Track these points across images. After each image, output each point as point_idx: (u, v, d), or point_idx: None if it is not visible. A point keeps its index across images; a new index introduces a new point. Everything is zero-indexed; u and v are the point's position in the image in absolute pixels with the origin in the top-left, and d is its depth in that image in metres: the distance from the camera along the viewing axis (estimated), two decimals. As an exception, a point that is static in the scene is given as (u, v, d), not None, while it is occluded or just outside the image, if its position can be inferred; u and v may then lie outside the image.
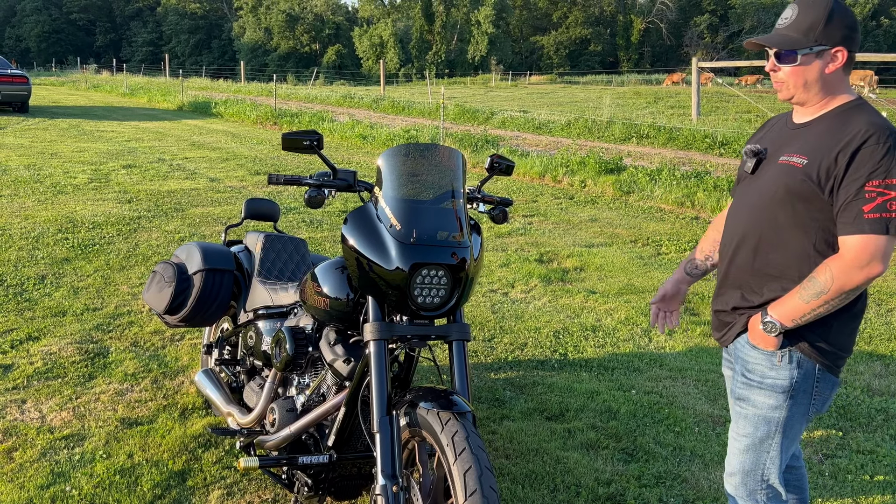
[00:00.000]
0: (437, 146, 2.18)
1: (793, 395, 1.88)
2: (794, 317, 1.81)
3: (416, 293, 2.02)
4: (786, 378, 1.87)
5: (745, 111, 19.81)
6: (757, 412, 1.92)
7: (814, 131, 1.87)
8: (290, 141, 2.17)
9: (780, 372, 1.88)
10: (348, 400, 2.20)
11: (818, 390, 1.89)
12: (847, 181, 1.75)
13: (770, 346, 1.87)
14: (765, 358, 1.89)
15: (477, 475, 1.79)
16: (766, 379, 1.89)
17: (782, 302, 1.84)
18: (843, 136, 1.79)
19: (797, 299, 1.80)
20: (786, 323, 1.82)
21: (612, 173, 9.81)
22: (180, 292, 2.99)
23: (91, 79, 38.94)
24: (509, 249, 6.37)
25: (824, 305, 1.78)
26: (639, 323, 4.64)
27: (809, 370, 1.87)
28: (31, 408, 3.28)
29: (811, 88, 1.86)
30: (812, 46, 1.82)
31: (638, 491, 2.77)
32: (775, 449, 1.92)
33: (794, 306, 1.81)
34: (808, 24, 1.82)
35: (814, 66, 1.84)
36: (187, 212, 7.42)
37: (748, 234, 1.93)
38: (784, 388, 1.88)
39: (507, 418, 3.33)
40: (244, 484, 2.73)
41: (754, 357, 1.92)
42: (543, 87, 40.06)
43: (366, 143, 14.22)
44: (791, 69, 1.85)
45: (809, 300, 1.78)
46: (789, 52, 1.84)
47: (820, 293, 1.77)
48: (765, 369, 1.89)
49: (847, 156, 1.75)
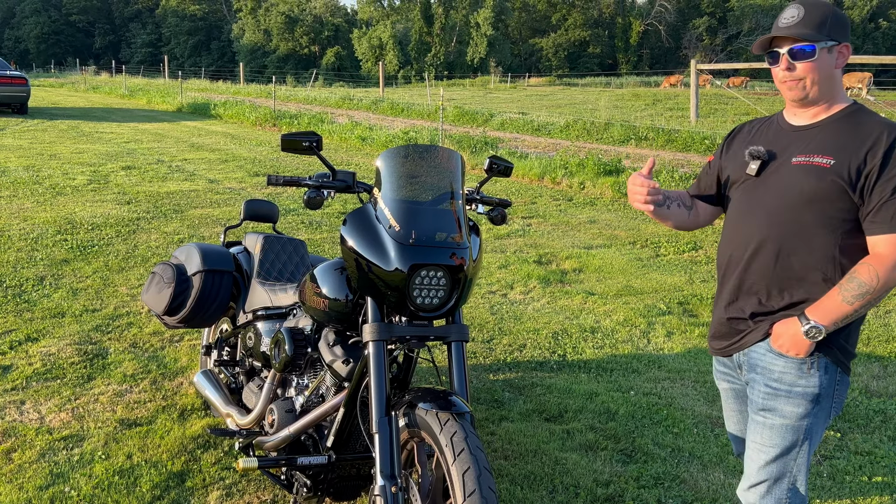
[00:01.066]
0: (436, 147, 2.18)
1: (819, 402, 1.86)
2: (836, 318, 1.78)
3: (414, 294, 2.02)
4: (815, 385, 1.84)
5: (743, 113, 19.83)
6: (784, 422, 1.87)
7: (827, 132, 1.85)
8: (289, 142, 2.17)
9: (809, 379, 1.84)
10: (347, 401, 2.20)
11: (838, 392, 1.88)
12: (883, 181, 1.74)
13: (803, 353, 1.82)
14: (794, 366, 1.85)
15: (476, 476, 1.80)
16: (796, 387, 1.85)
17: (822, 305, 1.79)
18: (866, 137, 1.78)
19: (839, 301, 1.76)
20: (829, 326, 1.78)
21: (611, 175, 9.82)
22: (179, 293, 2.99)
23: (90, 80, 38.94)
24: (508, 251, 6.37)
25: (867, 305, 1.76)
26: (637, 324, 4.64)
27: (833, 374, 1.86)
28: (30, 409, 3.28)
29: (823, 84, 1.84)
30: (826, 41, 1.82)
31: (636, 492, 2.77)
32: (803, 456, 1.88)
33: (836, 308, 1.77)
34: (819, 19, 1.81)
35: (827, 61, 1.83)
36: (186, 213, 7.43)
37: (767, 237, 1.88)
38: (813, 395, 1.85)
39: (506, 419, 3.33)
40: (243, 485, 2.73)
41: (781, 366, 1.86)
42: (542, 88, 40.11)
43: (365, 144, 14.22)
44: (807, 65, 1.83)
45: (853, 301, 1.75)
46: (808, 46, 1.81)
47: (865, 293, 1.74)
48: (794, 377, 1.85)
49: (879, 156, 1.75)
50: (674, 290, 5.36)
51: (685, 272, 5.87)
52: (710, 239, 7.01)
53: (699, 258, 6.32)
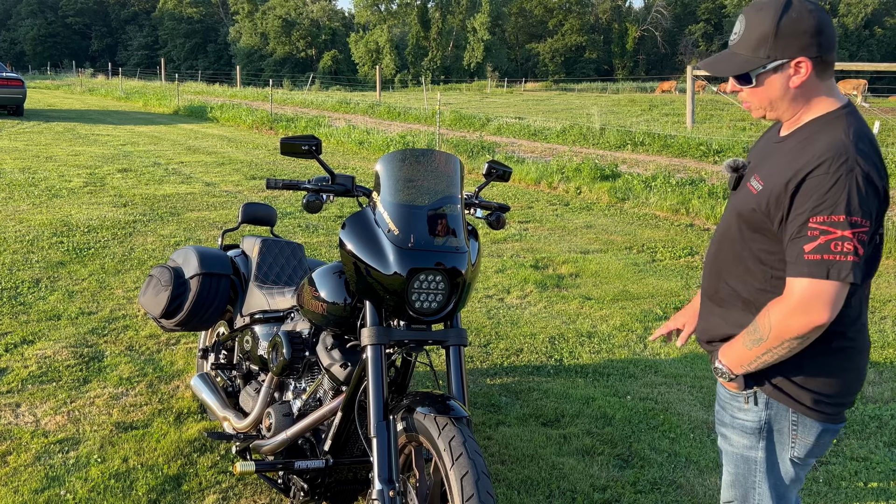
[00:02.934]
0: (435, 152, 2.19)
1: (766, 437, 1.74)
2: (741, 363, 1.66)
3: (413, 298, 2.02)
4: (754, 420, 1.73)
5: (739, 119, 19.91)
6: (734, 450, 1.80)
7: (784, 149, 1.66)
8: (288, 146, 2.18)
9: (747, 413, 1.74)
10: (345, 404, 2.20)
11: (798, 434, 1.71)
12: (793, 215, 1.55)
13: (732, 388, 1.73)
14: (732, 397, 1.77)
15: (474, 480, 1.80)
16: (737, 419, 1.77)
17: (730, 346, 1.68)
18: (800, 160, 1.57)
19: (741, 345, 1.64)
20: (734, 369, 1.67)
21: (608, 180, 9.84)
22: (177, 296, 2.98)
23: (86, 82, 38.88)
24: (505, 255, 6.38)
25: (768, 353, 1.60)
26: (634, 329, 4.65)
27: (781, 412, 1.70)
28: (26, 412, 3.27)
29: (779, 105, 1.65)
30: (765, 64, 1.60)
31: (633, 497, 2.78)
32: (762, 486, 1.77)
33: (739, 353, 1.65)
34: (756, 38, 1.60)
35: (774, 83, 1.62)
36: (183, 216, 7.42)
37: (717, 259, 1.78)
38: (753, 429, 1.74)
39: (503, 424, 3.33)
40: (240, 488, 2.73)
41: (724, 395, 1.80)
42: (539, 93, 40.19)
43: (362, 148, 14.23)
44: (750, 90, 1.66)
45: (751, 347, 1.62)
46: (743, 75, 1.64)
47: (760, 340, 1.59)
48: (734, 409, 1.77)
49: (794, 185, 1.54)
50: (670, 296, 5.37)
51: (681, 277, 5.88)
52: (705, 244, 7.03)
53: (695, 263, 6.33)
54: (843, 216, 1.49)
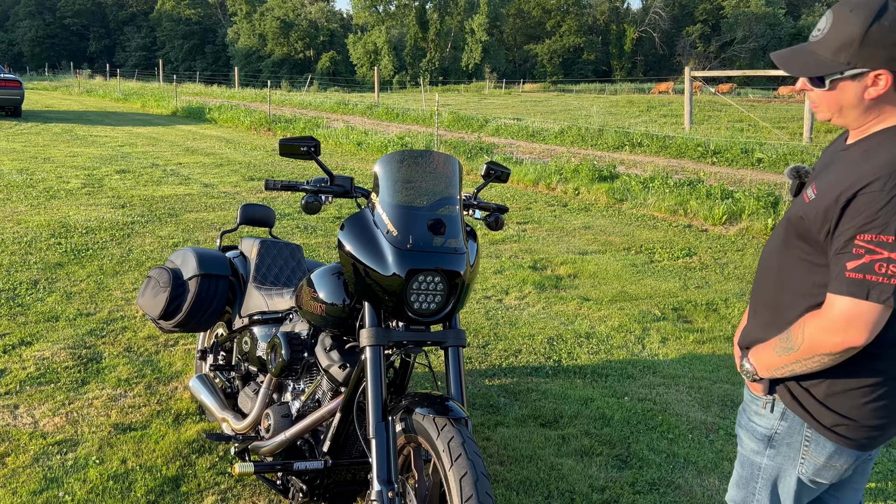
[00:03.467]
0: (434, 153, 2.19)
1: (773, 446, 1.69)
2: (768, 367, 1.63)
3: (412, 299, 2.02)
4: (767, 427, 1.70)
5: (737, 120, 19.94)
6: (743, 451, 1.79)
7: (846, 159, 1.57)
8: (287, 147, 2.18)
9: (762, 419, 1.71)
10: (344, 406, 2.20)
11: (809, 452, 1.64)
12: (840, 229, 1.47)
13: (755, 390, 1.71)
14: (752, 400, 1.74)
15: (473, 481, 1.80)
16: (752, 422, 1.74)
17: (762, 349, 1.66)
18: (856, 173, 1.48)
19: (771, 350, 1.61)
20: (760, 372, 1.65)
21: (606, 181, 9.85)
22: (175, 297, 2.98)
23: (84, 83, 38.86)
24: (503, 256, 6.38)
25: (796, 364, 1.56)
26: (632, 330, 4.66)
27: (795, 425, 1.65)
28: (24, 413, 3.27)
29: (849, 114, 1.55)
30: (843, 70, 1.49)
31: (632, 497, 2.78)
32: (762, 494, 1.74)
33: (768, 357, 1.62)
34: (840, 41, 1.48)
35: (848, 90, 1.52)
36: (181, 217, 7.41)
37: (763, 264, 1.74)
38: (763, 435, 1.71)
39: (502, 425, 3.33)
40: (238, 490, 2.73)
41: (747, 396, 1.78)
42: (537, 95, 40.22)
43: (360, 149, 14.23)
44: (821, 93, 1.56)
45: (781, 354, 1.58)
46: (818, 78, 1.54)
47: (790, 349, 1.56)
48: (752, 412, 1.74)
49: (846, 199, 1.46)
50: (668, 297, 5.38)
51: (680, 278, 5.88)
52: (703, 245, 7.04)
53: (693, 264, 6.34)
54: (893, 237, 1.41)
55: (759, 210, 7.86)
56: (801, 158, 11.67)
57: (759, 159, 12.20)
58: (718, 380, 3.94)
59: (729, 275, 6.05)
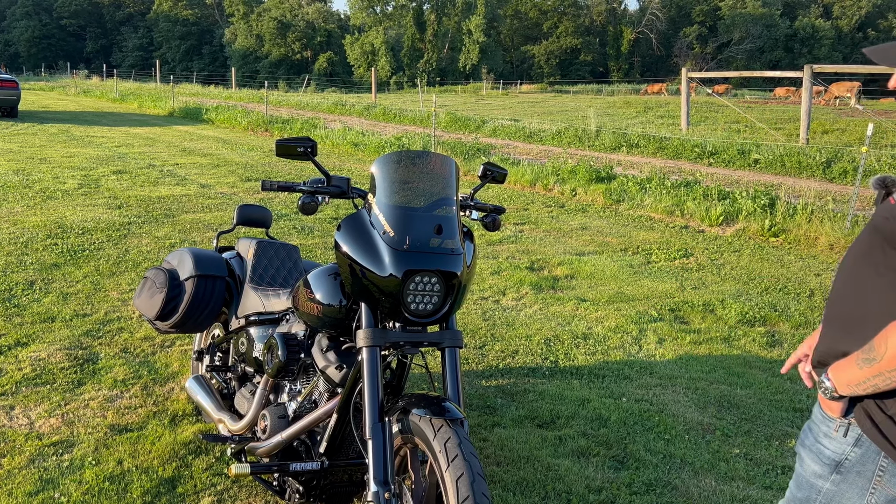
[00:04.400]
0: (431, 153, 2.19)
1: (841, 472, 1.55)
2: (849, 382, 1.46)
3: (409, 300, 2.02)
4: (837, 452, 1.55)
5: (734, 121, 19.97)
6: (802, 472, 1.63)
7: None
8: (284, 147, 2.17)
9: (832, 442, 1.56)
10: (340, 406, 2.20)
11: (882, 482, 1.50)
12: None
13: (831, 412, 1.55)
14: (823, 420, 1.59)
15: (469, 482, 1.80)
16: (819, 443, 1.59)
17: (842, 363, 1.50)
18: None
19: (853, 362, 1.46)
20: (840, 389, 1.49)
21: (603, 182, 9.86)
22: (172, 298, 2.98)
23: (81, 84, 38.78)
24: (500, 257, 6.38)
25: (879, 377, 1.41)
26: (629, 331, 4.66)
27: (870, 453, 1.50)
28: (20, 414, 3.26)
29: None
30: None
31: (629, 498, 2.78)
32: None
33: (849, 371, 1.46)
34: None
35: None
36: (178, 218, 7.40)
37: (843, 275, 1.59)
38: (831, 460, 1.56)
39: (499, 425, 3.33)
40: (235, 491, 2.72)
41: (817, 416, 1.62)
42: (534, 96, 40.24)
43: (357, 150, 14.23)
44: None
45: (863, 366, 1.43)
46: None
47: (872, 360, 1.41)
48: (820, 433, 1.60)
49: None
50: (665, 297, 5.38)
51: (676, 279, 5.89)
52: (700, 246, 7.05)
53: (690, 265, 6.35)
54: None
55: (756, 211, 7.87)
56: (797, 159, 11.70)
57: (755, 160, 12.22)
58: (715, 381, 3.94)
59: (726, 276, 6.05)
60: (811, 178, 10.96)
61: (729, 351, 4.41)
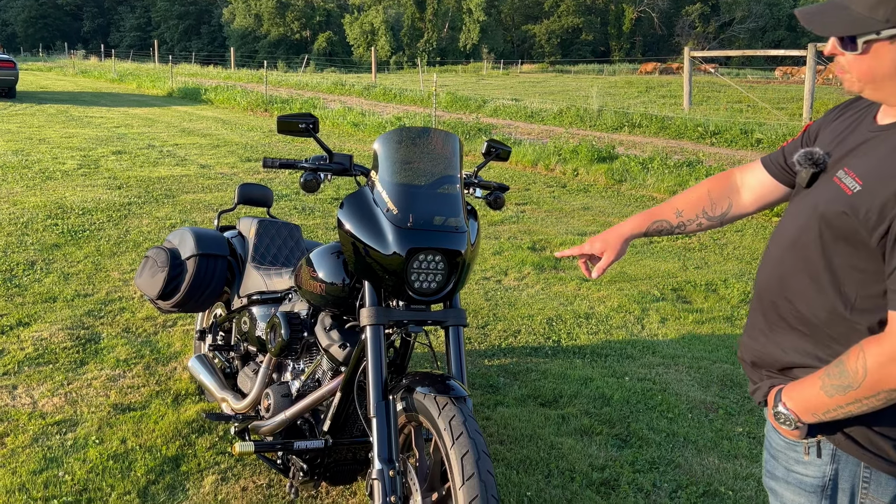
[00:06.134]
0: (434, 130, 2.16)
1: (830, 496, 1.36)
2: (814, 411, 1.30)
3: (412, 278, 2.01)
4: (817, 475, 1.36)
5: (736, 101, 19.85)
6: None
7: (891, 143, 1.27)
8: (285, 123, 2.15)
9: (808, 467, 1.37)
10: (344, 385, 2.19)
11: (868, 495, 1.34)
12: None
13: (791, 436, 1.38)
14: (788, 446, 1.40)
15: (474, 459, 1.79)
16: (793, 473, 1.40)
17: (800, 386, 1.32)
18: None
19: (817, 390, 1.28)
20: (803, 417, 1.32)
21: (605, 162, 9.81)
22: (173, 278, 2.96)
23: (79, 64, 38.55)
24: (502, 237, 6.36)
25: (855, 404, 1.24)
26: (631, 310, 4.65)
27: (850, 466, 1.34)
28: (23, 393, 3.26)
29: (885, 86, 1.27)
30: (880, 30, 1.22)
31: (632, 476, 2.78)
32: None
33: (813, 398, 1.29)
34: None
35: (885, 55, 1.24)
36: (178, 198, 7.37)
37: (780, 268, 1.41)
38: (815, 486, 1.37)
39: (502, 404, 3.33)
40: (238, 469, 2.73)
41: (777, 442, 1.42)
42: (535, 75, 39.99)
43: (357, 130, 14.15)
44: (853, 58, 1.28)
45: (833, 394, 1.26)
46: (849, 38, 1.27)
47: (847, 387, 1.23)
48: (790, 461, 1.40)
49: None
50: (668, 277, 5.37)
51: (679, 259, 5.87)
52: (703, 226, 7.02)
53: (692, 245, 6.33)
54: None
55: (759, 191, 7.82)
56: (800, 139, 11.62)
57: (758, 140, 12.15)
58: (718, 359, 3.94)
59: (728, 255, 6.04)
60: (814, 158, 10.88)
61: (731, 330, 4.40)
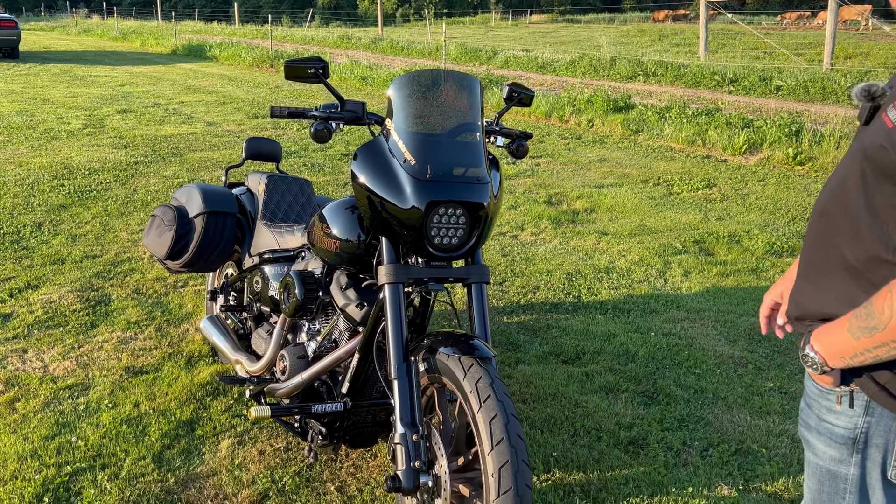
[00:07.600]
0: (453, 73, 2.00)
1: (861, 450, 1.30)
2: (841, 354, 1.23)
3: (432, 233, 1.88)
4: (848, 426, 1.30)
5: (752, 48, 19.32)
6: (819, 462, 1.37)
7: None
8: (293, 69, 2.00)
9: (839, 417, 1.31)
10: (362, 346, 2.09)
11: None
12: None
13: (824, 383, 1.31)
14: (821, 394, 1.34)
15: (503, 423, 1.69)
16: (825, 423, 1.34)
17: (829, 329, 1.26)
18: None
19: (845, 331, 1.22)
20: (831, 362, 1.25)
21: (621, 112, 9.56)
22: (181, 236, 2.85)
23: (81, 23, 38.05)
24: (517, 192, 6.21)
25: (881, 348, 1.16)
26: (653, 264, 4.52)
27: (884, 419, 1.26)
28: (33, 357, 3.19)
29: None
30: None
31: (660, 434, 2.69)
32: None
33: (841, 341, 1.22)
34: None
35: None
36: (185, 157, 7.24)
37: (825, 209, 1.32)
38: (846, 438, 1.31)
39: (522, 362, 3.23)
40: (255, 432, 2.65)
41: (812, 390, 1.37)
42: (545, 26, 39.12)
43: (365, 84, 13.88)
44: None
45: (860, 336, 1.19)
46: None
47: (873, 329, 1.16)
48: (822, 410, 1.35)
49: None
50: (689, 229, 5.22)
51: (700, 210, 5.71)
52: (723, 176, 6.83)
53: (713, 195, 6.15)
54: None
55: (781, 139, 7.60)
56: (822, 85, 11.29)
57: (777, 87, 11.81)
58: (744, 313, 3.82)
59: (751, 206, 5.86)
60: (837, 105, 10.58)
61: (757, 282, 4.26)
